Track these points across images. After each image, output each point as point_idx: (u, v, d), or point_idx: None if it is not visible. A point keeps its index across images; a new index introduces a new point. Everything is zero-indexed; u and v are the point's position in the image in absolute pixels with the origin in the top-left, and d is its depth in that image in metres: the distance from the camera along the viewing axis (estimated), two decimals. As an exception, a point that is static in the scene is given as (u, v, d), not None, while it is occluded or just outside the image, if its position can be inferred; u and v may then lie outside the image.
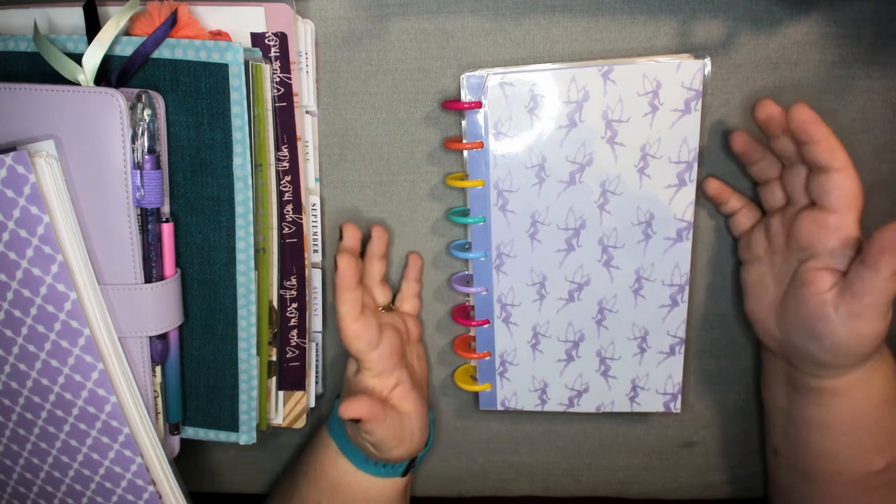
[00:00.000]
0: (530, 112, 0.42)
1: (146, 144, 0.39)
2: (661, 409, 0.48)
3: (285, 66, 0.42)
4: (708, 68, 0.41)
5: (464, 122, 0.43)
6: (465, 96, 0.43)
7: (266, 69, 0.41)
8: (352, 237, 0.46)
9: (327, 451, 0.47)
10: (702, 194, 0.45)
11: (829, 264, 0.39)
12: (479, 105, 0.42)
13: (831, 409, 0.42)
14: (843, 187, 0.38)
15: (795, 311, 0.41)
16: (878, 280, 0.37)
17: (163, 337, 0.43)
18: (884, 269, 0.36)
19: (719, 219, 0.46)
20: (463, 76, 0.42)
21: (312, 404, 0.50)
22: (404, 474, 0.47)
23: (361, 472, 0.46)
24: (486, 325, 0.47)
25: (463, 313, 0.49)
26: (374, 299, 0.47)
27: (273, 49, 0.41)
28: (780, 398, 0.45)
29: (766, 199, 0.43)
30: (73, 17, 0.41)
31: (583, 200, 0.43)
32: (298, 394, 0.48)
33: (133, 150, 0.39)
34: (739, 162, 0.44)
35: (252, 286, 0.43)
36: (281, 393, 0.48)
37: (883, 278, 0.37)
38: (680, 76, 0.41)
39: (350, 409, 0.41)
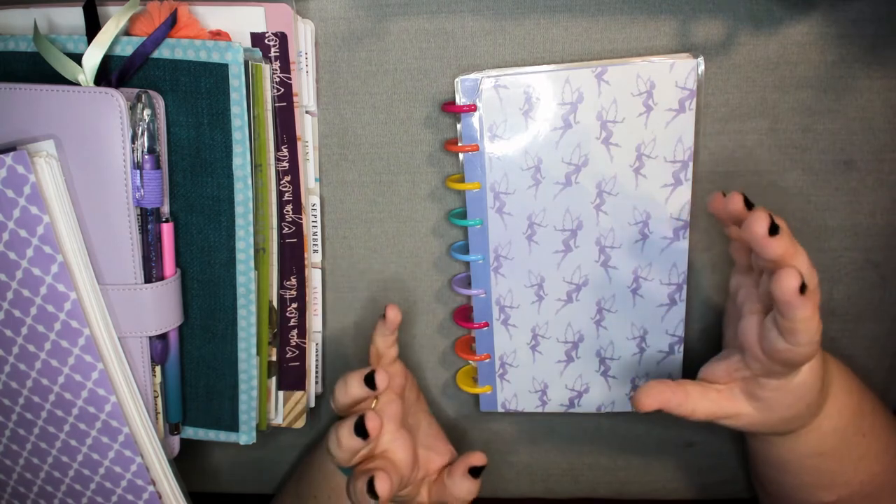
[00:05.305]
0: (525, 114, 0.42)
1: (146, 144, 0.39)
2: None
3: (285, 66, 0.42)
4: (702, 67, 0.41)
5: (459, 125, 0.43)
6: (460, 99, 0.42)
7: (266, 69, 0.41)
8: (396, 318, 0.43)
9: (333, 478, 0.46)
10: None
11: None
12: (473, 108, 0.42)
13: (764, 445, 0.42)
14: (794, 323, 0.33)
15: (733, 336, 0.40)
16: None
17: (163, 337, 0.43)
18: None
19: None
20: (457, 79, 0.42)
21: (312, 404, 0.50)
22: None
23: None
24: (485, 328, 0.47)
25: (464, 315, 0.49)
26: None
27: (273, 49, 0.41)
28: None
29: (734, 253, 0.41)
30: (73, 17, 0.41)
31: (579, 201, 0.43)
32: (298, 394, 0.48)
33: (133, 150, 0.39)
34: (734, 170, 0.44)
35: (252, 286, 0.43)
36: (281, 393, 0.48)
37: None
38: (674, 76, 0.41)
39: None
